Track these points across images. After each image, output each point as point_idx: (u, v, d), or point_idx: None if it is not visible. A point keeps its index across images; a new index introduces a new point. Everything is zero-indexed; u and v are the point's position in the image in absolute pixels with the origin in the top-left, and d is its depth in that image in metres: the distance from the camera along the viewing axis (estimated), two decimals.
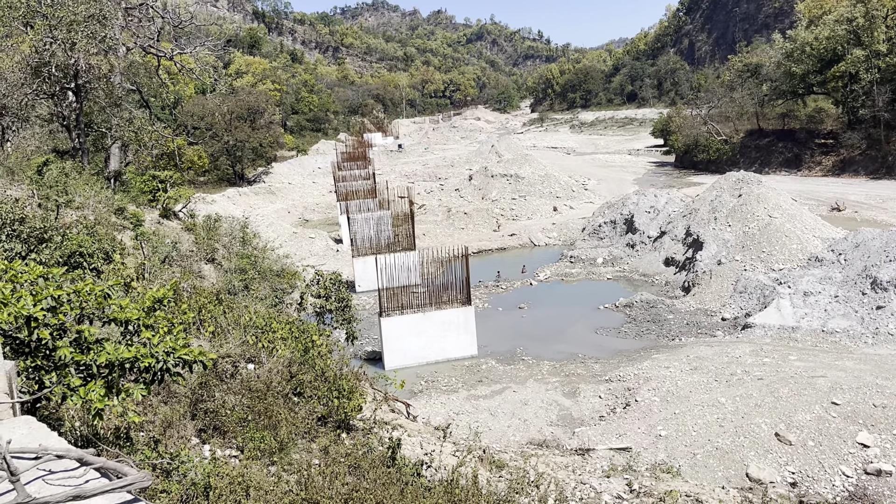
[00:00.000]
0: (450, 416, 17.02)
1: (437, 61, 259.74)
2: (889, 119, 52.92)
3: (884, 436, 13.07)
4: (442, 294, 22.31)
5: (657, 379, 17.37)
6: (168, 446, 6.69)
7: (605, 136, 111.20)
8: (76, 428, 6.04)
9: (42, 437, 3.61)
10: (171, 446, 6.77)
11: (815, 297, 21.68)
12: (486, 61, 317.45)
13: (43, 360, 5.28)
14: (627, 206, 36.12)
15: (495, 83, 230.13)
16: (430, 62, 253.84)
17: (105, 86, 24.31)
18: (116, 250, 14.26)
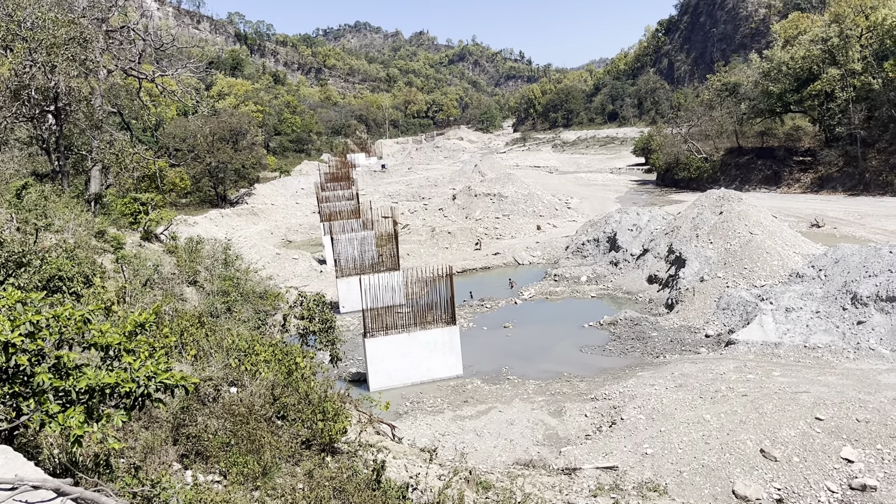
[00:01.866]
0: (435, 437, 16.91)
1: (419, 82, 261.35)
2: (865, 136, 53.86)
3: (867, 450, 13.14)
4: (426, 314, 22.26)
5: (642, 397, 17.39)
6: (149, 473, 6.58)
7: (587, 154, 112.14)
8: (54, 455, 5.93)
9: (18, 466, 3.54)
10: (153, 473, 6.67)
11: (796, 312, 21.87)
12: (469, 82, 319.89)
13: (21, 387, 5.20)
14: (610, 225, 36.36)
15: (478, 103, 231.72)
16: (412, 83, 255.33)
17: (86, 108, 24.19)
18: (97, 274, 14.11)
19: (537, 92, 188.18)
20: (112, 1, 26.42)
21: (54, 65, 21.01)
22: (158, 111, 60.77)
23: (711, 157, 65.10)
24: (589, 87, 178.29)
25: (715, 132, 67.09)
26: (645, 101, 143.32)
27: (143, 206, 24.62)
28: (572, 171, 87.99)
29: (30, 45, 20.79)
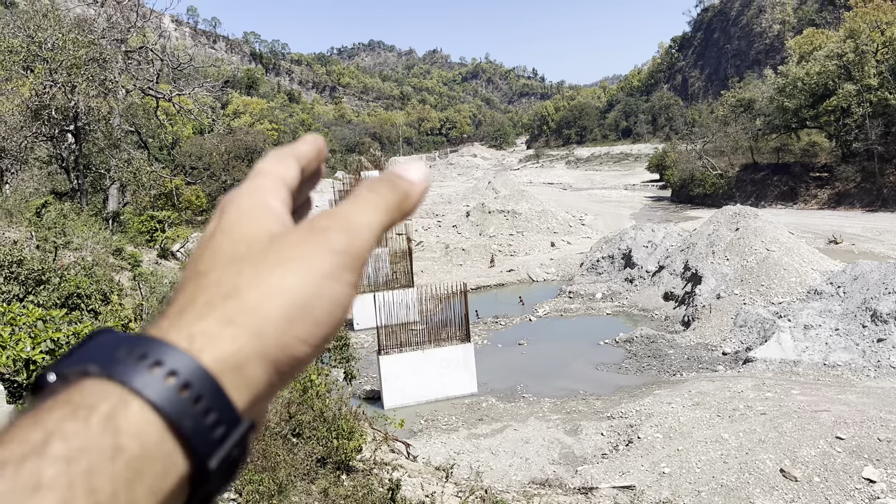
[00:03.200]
0: (450, 455, 16.83)
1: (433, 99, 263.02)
2: (882, 152, 53.50)
3: (889, 470, 12.95)
4: (441, 331, 22.23)
5: (659, 415, 17.25)
6: None
7: (601, 171, 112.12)
8: None
9: None
10: None
11: (815, 330, 21.65)
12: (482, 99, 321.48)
13: None
14: (625, 241, 36.24)
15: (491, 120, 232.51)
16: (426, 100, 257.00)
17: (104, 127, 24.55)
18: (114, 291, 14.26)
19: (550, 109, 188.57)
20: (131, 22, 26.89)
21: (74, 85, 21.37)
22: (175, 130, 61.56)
23: (726, 173, 64.86)
24: (602, 104, 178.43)
25: (730, 148, 66.90)
26: (659, 117, 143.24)
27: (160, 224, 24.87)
28: (586, 188, 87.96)
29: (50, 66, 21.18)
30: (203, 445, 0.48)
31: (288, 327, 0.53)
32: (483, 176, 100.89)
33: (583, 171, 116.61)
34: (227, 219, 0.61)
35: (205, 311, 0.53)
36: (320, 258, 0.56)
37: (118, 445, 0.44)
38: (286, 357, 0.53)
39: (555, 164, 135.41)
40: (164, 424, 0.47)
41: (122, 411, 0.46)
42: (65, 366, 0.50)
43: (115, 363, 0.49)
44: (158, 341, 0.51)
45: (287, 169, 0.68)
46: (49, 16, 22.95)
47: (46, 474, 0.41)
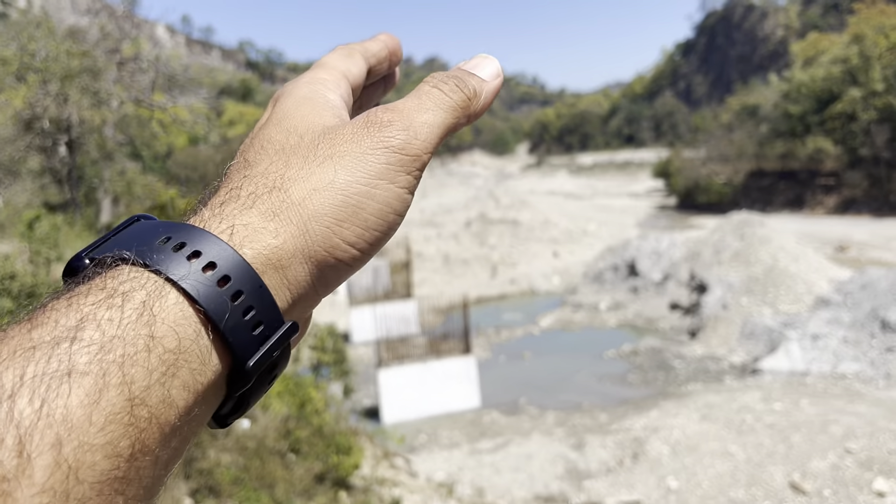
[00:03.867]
0: (452, 471, 16.79)
1: None
2: (889, 158, 53.59)
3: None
4: (441, 344, 22.23)
5: (666, 428, 17.22)
6: None
7: (604, 179, 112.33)
8: None
9: None
10: None
11: (823, 339, 21.64)
12: None
13: None
14: (629, 251, 36.28)
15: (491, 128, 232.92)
16: None
17: (97, 138, 24.64)
18: None
19: (552, 116, 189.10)
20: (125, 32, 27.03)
21: (67, 96, 21.47)
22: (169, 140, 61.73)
23: (732, 180, 64.95)
24: (605, 111, 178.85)
25: (735, 155, 66.99)
26: (662, 123, 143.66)
27: None
28: (589, 196, 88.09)
29: (43, 77, 21.28)
30: (242, 344, 0.46)
31: (336, 227, 0.50)
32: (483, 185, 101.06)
33: (585, 178, 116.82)
34: (281, 108, 0.60)
35: (249, 202, 0.50)
36: (375, 156, 0.53)
37: (154, 336, 0.41)
38: (332, 259, 0.51)
39: (557, 171, 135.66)
40: (202, 319, 0.44)
41: (159, 301, 0.43)
42: (100, 251, 0.48)
43: (153, 251, 0.46)
44: (198, 230, 0.48)
45: (352, 65, 0.66)
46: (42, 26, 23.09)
47: (80, 360, 0.38)
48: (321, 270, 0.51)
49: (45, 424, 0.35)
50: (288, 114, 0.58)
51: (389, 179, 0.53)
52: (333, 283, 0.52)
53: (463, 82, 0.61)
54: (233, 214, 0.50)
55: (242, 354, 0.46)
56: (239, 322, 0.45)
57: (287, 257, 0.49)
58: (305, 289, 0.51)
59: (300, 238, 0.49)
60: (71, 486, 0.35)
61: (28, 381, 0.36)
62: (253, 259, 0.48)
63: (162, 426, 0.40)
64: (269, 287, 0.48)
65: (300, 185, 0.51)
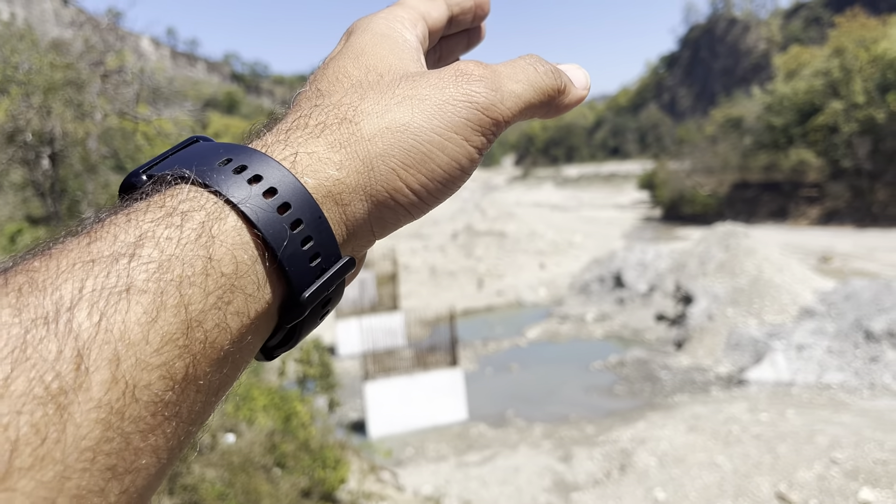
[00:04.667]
0: (439, 484, 16.72)
1: None
2: (871, 170, 54.30)
3: (885, 492, 13.01)
4: (428, 356, 22.18)
5: (653, 440, 17.26)
6: None
7: (590, 190, 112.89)
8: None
9: None
10: None
11: (808, 350, 21.81)
12: None
13: None
14: (615, 262, 36.45)
15: None
16: None
17: (81, 151, 24.49)
18: None
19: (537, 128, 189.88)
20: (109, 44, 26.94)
21: (50, 108, 21.35)
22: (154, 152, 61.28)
23: (716, 191, 65.50)
24: (590, 123, 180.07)
25: (719, 166, 67.64)
26: (647, 135, 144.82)
27: None
28: (575, 208, 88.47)
29: (26, 89, 21.16)
30: (299, 275, 0.44)
31: (402, 170, 0.49)
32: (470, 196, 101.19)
33: (571, 190, 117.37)
34: (358, 42, 0.57)
35: (317, 131, 0.49)
36: (457, 107, 0.51)
37: (212, 258, 0.40)
38: (391, 202, 0.49)
39: (543, 183, 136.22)
40: (259, 245, 0.43)
41: (218, 224, 0.42)
42: (159, 168, 0.46)
43: (213, 171, 0.44)
44: (260, 154, 0.46)
45: (433, 8, 0.63)
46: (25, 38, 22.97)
47: (138, 277, 0.37)
48: (380, 211, 0.49)
49: (104, 339, 0.35)
50: (365, 49, 0.56)
51: (465, 135, 0.51)
52: (391, 226, 0.51)
53: (559, 74, 0.59)
54: (298, 141, 0.48)
55: (299, 284, 0.45)
56: (297, 251, 0.44)
57: (348, 192, 0.48)
58: (362, 226, 0.49)
59: (364, 174, 0.48)
60: (127, 404, 0.35)
61: (87, 295, 0.36)
62: (314, 189, 0.46)
63: (216, 351, 0.40)
64: (328, 219, 0.47)
65: (373, 121, 0.49)
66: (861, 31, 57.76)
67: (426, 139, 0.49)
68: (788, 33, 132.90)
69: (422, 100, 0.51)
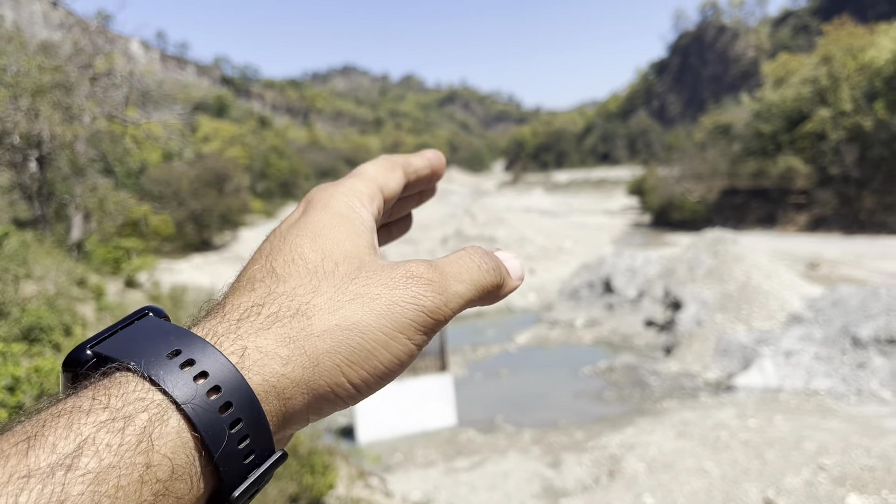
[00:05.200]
0: (428, 490, 16.69)
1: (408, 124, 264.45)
2: (858, 177, 54.74)
3: (872, 498, 13.08)
4: (418, 361, 22.14)
5: (641, 445, 17.29)
6: None
7: (580, 196, 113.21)
8: None
9: None
10: None
11: (796, 356, 21.93)
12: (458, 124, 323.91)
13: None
14: (605, 268, 36.56)
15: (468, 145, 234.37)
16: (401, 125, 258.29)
17: (69, 154, 24.36)
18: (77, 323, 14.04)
19: (528, 134, 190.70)
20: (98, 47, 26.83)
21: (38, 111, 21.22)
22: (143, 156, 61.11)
23: (705, 197, 65.84)
24: (580, 129, 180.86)
25: (708, 173, 67.98)
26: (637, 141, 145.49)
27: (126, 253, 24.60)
28: (565, 213, 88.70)
29: (14, 92, 21.03)
30: (232, 474, 0.45)
31: (345, 367, 0.50)
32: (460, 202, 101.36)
33: (561, 196, 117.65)
34: (316, 221, 0.59)
35: (268, 323, 0.50)
36: (405, 309, 0.53)
37: (150, 465, 0.41)
38: (332, 394, 0.51)
39: (533, 189, 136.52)
40: (198, 445, 0.44)
41: (160, 427, 0.42)
42: (106, 346, 0.47)
43: (160, 366, 0.45)
44: (209, 348, 0.47)
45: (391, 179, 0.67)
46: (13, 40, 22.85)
47: (73, 491, 0.38)
48: (319, 402, 0.51)
49: None
50: (323, 231, 0.58)
51: (408, 335, 0.53)
52: (326, 413, 0.52)
53: (499, 271, 0.62)
54: (248, 334, 0.49)
55: (230, 483, 0.45)
56: (233, 450, 0.45)
57: (291, 387, 0.49)
58: (299, 415, 0.50)
59: (309, 370, 0.49)
60: None
61: None
62: (258, 385, 0.47)
63: None
64: (267, 414, 0.47)
65: (325, 317, 0.51)
66: (849, 40, 58.30)
67: (373, 338, 0.51)
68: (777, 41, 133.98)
69: (373, 298, 0.52)
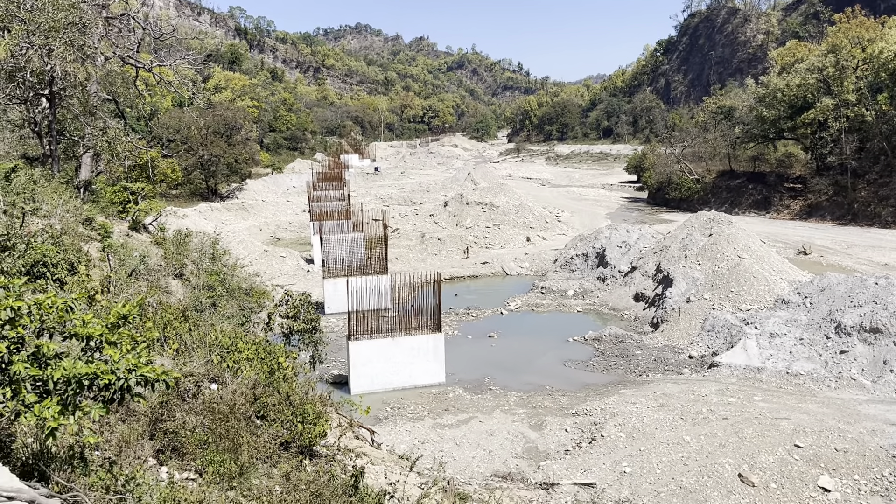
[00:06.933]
0: (415, 444, 16.83)
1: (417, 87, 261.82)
2: (856, 167, 54.36)
3: (844, 480, 13.18)
4: (412, 320, 22.18)
5: (623, 414, 17.39)
6: (123, 467, 6.48)
7: (580, 169, 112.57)
8: (28, 445, 5.83)
9: None
10: (127, 467, 6.56)
11: (780, 338, 21.96)
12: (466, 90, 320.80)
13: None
14: (600, 240, 36.44)
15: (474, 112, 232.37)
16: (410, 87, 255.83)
17: (80, 94, 23.99)
18: (82, 261, 13.96)
19: (534, 104, 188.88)
20: None
21: (52, 48, 20.83)
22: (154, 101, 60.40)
23: (703, 178, 65.49)
24: (585, 102, 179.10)
25: (708, 154, 67.51)
26: (640, 119, 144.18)
27: (133, 196, 24.42)
28: (564, 185, 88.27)
29: (28, 27, 20.60)
30: None
31: None
32: (463, 167, 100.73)
33: (562, 167, 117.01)
34: None
35: None
36: None
37: None
38: None
39: (535, 159, 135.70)
40: None
41: None
42: None
43: None
44: None
45: None
46: None
47: None
48: None
49: None
50: None
51: None
52: None
53: None
54: None
55: None
56: None
57: None
58: None
59: None
60: None
61: None
62: None
63: None
64: None
65: None
66: (858, 30, 57.38)
67: None
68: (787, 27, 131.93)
69: None
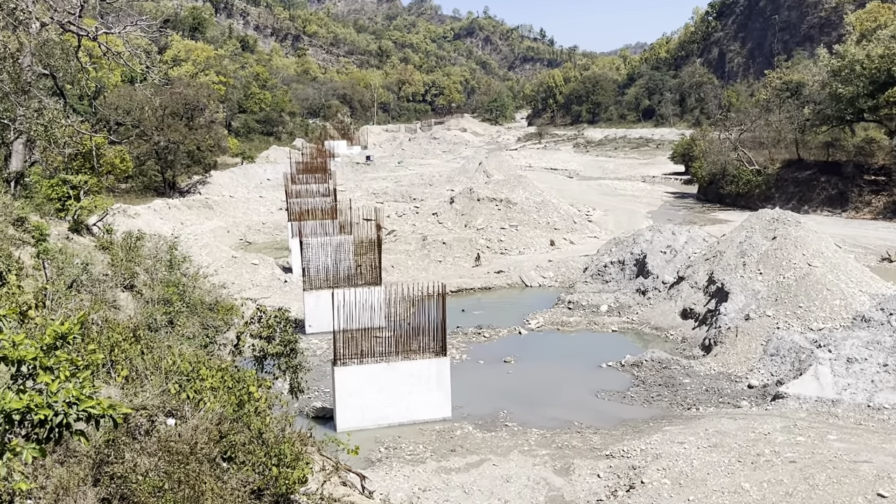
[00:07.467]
0: (414, 492, 16.83)
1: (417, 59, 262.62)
2: None
3: None
4: (411, 341, 22.21)
5: (668, 457, 17.36)
6: None
7: (616, 158, 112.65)
8: None
9: None
10: None
11: (860, 364, 21.90)
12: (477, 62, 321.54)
13: None
14: (639, 245, 36.43)
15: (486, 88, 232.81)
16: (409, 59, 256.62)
17: (11, 68, 24.14)
18: (12, 270, 14.03)
19: (559, 79, 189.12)
20: None
21: None
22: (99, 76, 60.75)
23: (765, 169, 65.32)
24: (622, 77, 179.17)
25: (771, 140, 67.33)
26: (688, 97, 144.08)
27: (74, 191, 24.54)
28: (596, 177, 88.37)
29: None
30: None
31: None
32: (473, 155, 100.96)
33: (593, 156, 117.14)
34: None
35: None
36: None
37: None
38: None
39: (560, 146, 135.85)
40: None
41: None
42: None
43: None
44: None
45: None
46: None
47: None
48: None
49: None
50: None
51: None
52: None
53: None
54: None
55: None
56: None
57: None
58: None
59: None
60: None
61: None
62: None
63: None
64: None
65: None
66: None
67: None
68: None
69: None
